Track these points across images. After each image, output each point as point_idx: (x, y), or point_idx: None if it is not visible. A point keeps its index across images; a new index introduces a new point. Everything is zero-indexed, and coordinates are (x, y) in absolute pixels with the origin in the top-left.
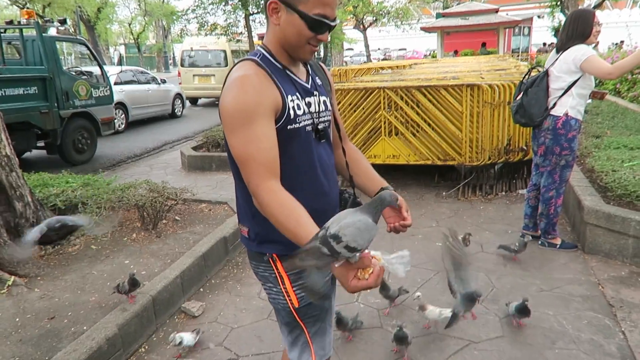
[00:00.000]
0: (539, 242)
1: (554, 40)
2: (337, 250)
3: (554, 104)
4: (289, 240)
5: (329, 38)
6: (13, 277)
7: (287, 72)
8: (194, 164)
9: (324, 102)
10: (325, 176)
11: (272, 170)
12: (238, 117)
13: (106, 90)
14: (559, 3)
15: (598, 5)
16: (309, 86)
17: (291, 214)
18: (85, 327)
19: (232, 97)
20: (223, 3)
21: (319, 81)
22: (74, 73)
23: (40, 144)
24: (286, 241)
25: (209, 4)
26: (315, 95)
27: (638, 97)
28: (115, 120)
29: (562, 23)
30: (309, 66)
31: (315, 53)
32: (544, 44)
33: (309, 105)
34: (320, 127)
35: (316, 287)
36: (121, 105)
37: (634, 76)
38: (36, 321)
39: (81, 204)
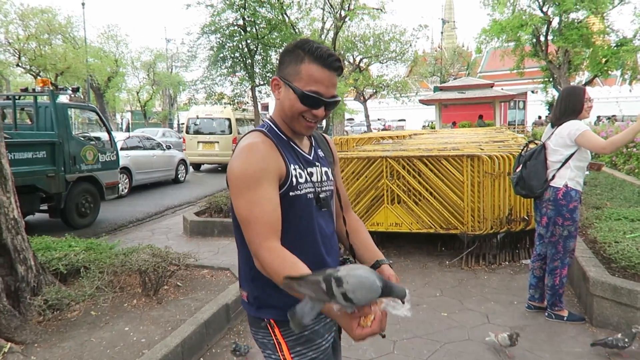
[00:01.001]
0: (546, 314)
1: (548, 113)
2: (334, 292)
3: (553, 176)
4: (287, 305)
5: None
6: (9, 343)
7: (291, 143)
8: (196, 229)
9: (326, 172)
10: (324, 244)
11: (275, 231)
12: (244, 180)
13: (113, 156)
14: (551, 79)
15: (589, 82)
16: (311, 157)
17: (293, 268)
18: None
19: (240, 162)
20: (231, 75)
21: (321, 153)
22: (82, 138)
23: (44, 207)
24: (285, 306)
25: (217, 76)
26: (317, 166)
27: (634, 170)
28: (119, 185)
29: (555, 98)
30: (312, 138)
31: (318, 124)
32: (539, 117)
33: (310, 175)
34: (321, 195)
35: (302, 317)
36: (125, 170)
37: (629, 150)
38: None
39: (83, 268)
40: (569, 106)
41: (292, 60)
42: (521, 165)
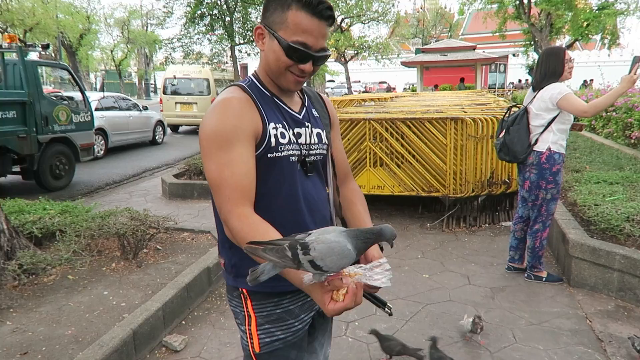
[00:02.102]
0: (525, 275)
1: (529, 77)
2: (300, 260)
3: (536, 140)
4: None
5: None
6: None
7: (275, 99)
8: (175, 192)
9: (318, 134)
10: (310, 212)
11: (246, 196)
12: (215, 140)
13: (87, 116)
14: (532, 43)
15: (569, 46)
16: (300, 116)
17: (265, 236)
18: None
19: (211, 120)
20: (209, 33)
21: (315, 113)
22: (54, 98)
23: (16, 169)
24: None
25: (195, 34)
26: (307, 127)
27: (612, 134)
28: (95, 146)
29: (536, 61)
30: (306, 97)
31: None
32: (520, 81)
33: (298, 135)
34: (309, 159)
35: (260, 275)
36: (101, 131)
37: (608, 114)
38: (7, 357)
39: (59, 232)
40: (550, 68)
41: (278, 5)
42: (504, 131)
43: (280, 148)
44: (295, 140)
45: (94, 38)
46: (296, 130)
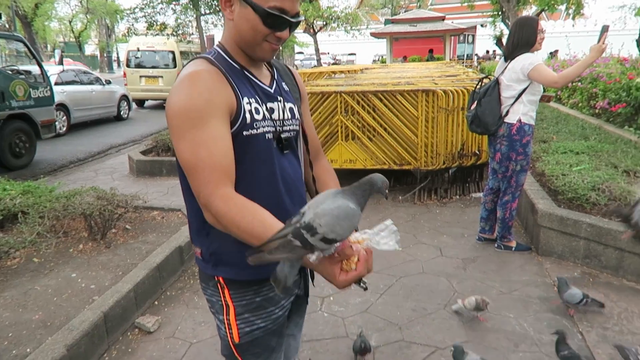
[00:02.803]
0: (495, 246)
1: (496, 48)
2: (312, 243)
3: (507, 112)
4: (244, 263)
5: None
6: None
7: (246, 72)
8: (143, 169)
9: (290, 109)
10: (288, 192)
11: (228, 175)
12: (186, 118)
13: (46, 91)
14: (499, 13)
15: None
16: (272, 90)
17: (254, 217)
18: (28, 349)
19: (179, 96)
20: (173, 2)
21: (285, 87)
22: (10, 72)
23: None
24: (240, 263)
25: (158, 3)
26: (280, 101)
27: (578, 104)
28: (56, 123)
29: (503, 32)
30: (275, 69)
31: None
32: (487, 52)
33: (271, 111)
34: (283, 135)
35: (285, 279)
36: (62, 107)
37: (573, 84)
38: None
39: (21, 214)
40: (523, 38)
41: None
42: (476, 103)
43: (256, 125)
44: (269, 116)
45: (50, 8)
46: (269, 105)
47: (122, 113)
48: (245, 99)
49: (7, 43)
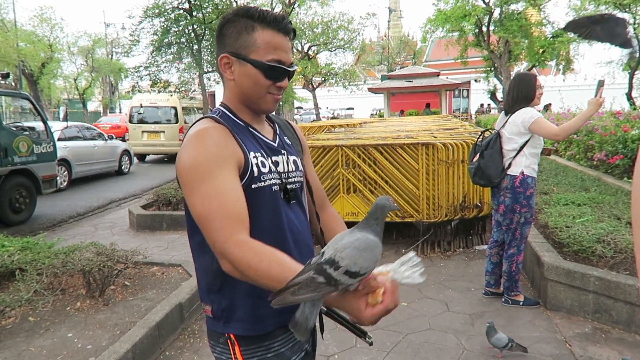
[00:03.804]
0: (502, 300)
1: (491, 102)
2: (335, 277)
3: (509, 164)
4: (256, 317)
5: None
6: None
7: (250, 128)
8: (144, 224)
9: (294, 161)
10: (295, 243)
11: (241, 223)
12: (195, 172)
13: (49, 147)
14: (492, 69)
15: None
16: (275, 144)
17: (272, 259)
18: None
19: (188, 153)
20: (177, 61)
21: (287, 140)
22: (14, 128)
23: None
24: (252, 318)
25: (162, 62)
26: (283, 154)
27: (575, 156)
28: (57, 178)
29: (496, 87)
30: (276, 125)
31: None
32: (482, 105)
33: (276, 164)
34: (289, 187)
35: (307, 322)
36: (64, 162)
37: (570, 137)
38: None
39: (19, 271)
40: (522, 93)
41: (241, 30)
42: (478, 155)
43: (263, 177)
44: (274, 169)
45: (56, 67)
46: (274, 158)
47: (123, 167)
48: (252, 153)
49: (13, 100)
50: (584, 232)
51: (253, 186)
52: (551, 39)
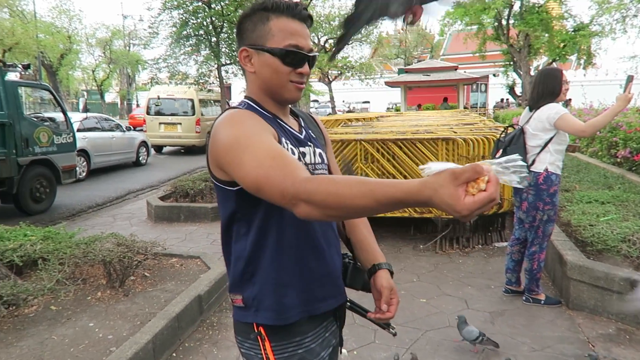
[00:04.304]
0: (523, 299)
1: (509, 96)
2: None
3: (533, 161)
4: (285, 307)
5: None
6: None
7: (278, 120)
8: (161, 215)
9: (320, 154)
10: (324, 234)
11: (301, 167)
12: (238, 145)
13: (69, 138)
14: (511, 63)
15: (547, 66)
16: (302, 136)
17: (346, 179)
18: None
19: (225, 132)
20: (195, 54)
21: (312, 133)
22: (35, 119)
23: None
24: (281, 308)
25: (181, 54)
26: (310, 146)
27: (597, 153)
28: (77, 168)
29: (515, 81)
30: (300, 119)
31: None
32: (502, 100)
33: (303, 155)
34: None
35: None
36: (83, 153)
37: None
38: None
39: (41, 260)
40: (547, 88)
41: (256, 22)
42: (501, 151)
43: None
44: (302, 160)
45: (75, 58)
46: (301, 149)
47: (140, 159)
48: (283, 139)
49: (34, 91)
50: (608, 231)
51: None
52: (572, 33)
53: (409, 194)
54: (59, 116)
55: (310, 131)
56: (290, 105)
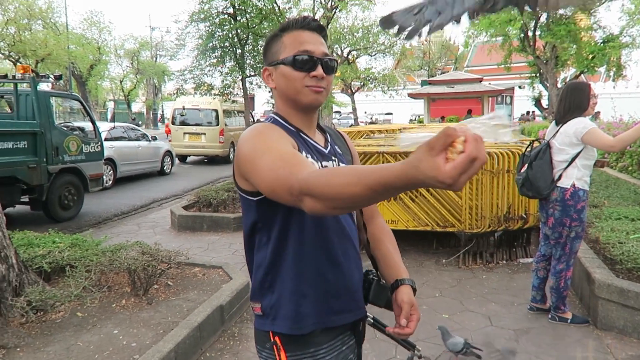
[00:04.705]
0: (549, 317)
1: (535, 109)
2: None
3: (560, 176)
4: (301, 315)
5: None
6: None
7: (301, 134)
8: (185, 224)
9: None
10: (343, 248)
11: (309, 166)
12: (255, 153)
13: (97, 147)
14: (538, 75)
15: (574, 78)
16: (326, 151)
17: (343, 169)
18: None
19: (247, 143)
20: (220, 65)
21: (338, 149)
22: (65, 128)
23: (24, 199)
24: (297, 316)
25: (206, 66)
26: (334, 160)
27: (627, 168)
28: (104, 177)
29: (541, 93)
30: (327, 134)
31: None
32: (527, 113)
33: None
34: None
35: None
36: (110, 161)
37: None
38: None
39: (69, 267)
40: (575, 103)
41: (273, 44)
42: (526, 166)
43: None
44: None
45: (103, 68)
46: (324, 163)
47: (165, 168)
48: (304, 153)
49: (64, 101)
50: (639, 249)
51: None
52: (601, 44)
53: (396, 177)
54: (87, 125)
55: (336, 147)
56: (318, 122)
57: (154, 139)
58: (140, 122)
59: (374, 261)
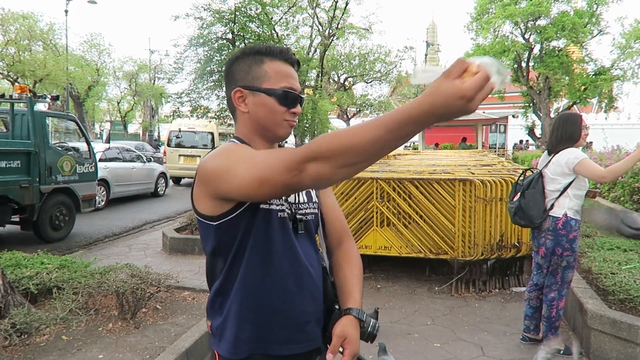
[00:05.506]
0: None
1: (529, 138)
2: None
3: (552, 205)
4: (240, 341)
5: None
6: None
7: None
8: (176, 247)
9: (307, 192)
10: (298, 277)
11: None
12: (228, 162)
13: (91, 167)
14: (531, 105)
15: (567, 109)
16: None
17: (344, 130)
18: None
19: (216, 159)
20: (217, 89)
21: None
22: (59, 148)
23: (15, 218)
24: (233, 341)
25: (204, 89)
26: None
27: (619, 198)
28: (96, 197)
29: (535, 123)
30: None
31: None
32: (520, 142)
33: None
34: (298, 217)
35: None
36: (103, 182)
37: None
38: None
39: (56, 289)
40: (567, 133)
41: (250, 64)
42: (519, 194)
43: (270, 200)
44: (284, 198)
45: (101, 90)
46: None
47: (159, 190)
48: None
49: (60, 121)
50: (631, 280)
51: (261, 206)
52: (593, 77)
53: (412, 108)
54: (82, 146)
55: None
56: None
57: (149, 160)
58: (160, 144)
59: (334, 287)
